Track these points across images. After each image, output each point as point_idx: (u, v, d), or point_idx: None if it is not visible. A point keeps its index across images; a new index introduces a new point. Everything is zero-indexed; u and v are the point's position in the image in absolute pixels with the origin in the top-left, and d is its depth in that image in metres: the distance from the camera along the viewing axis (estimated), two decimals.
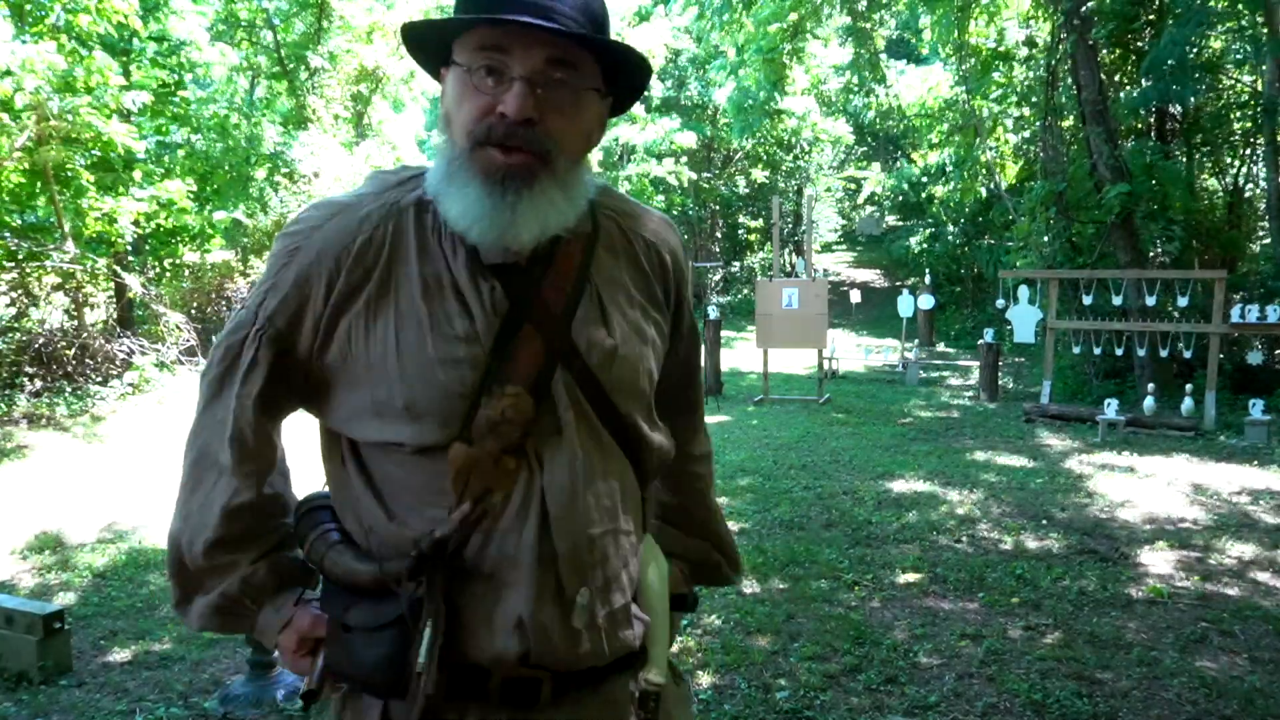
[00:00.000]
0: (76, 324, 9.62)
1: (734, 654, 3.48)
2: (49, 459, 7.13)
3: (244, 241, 11.51)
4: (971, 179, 14.33)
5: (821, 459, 7.04)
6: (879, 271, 24.24)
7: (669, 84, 20.81)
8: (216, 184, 11.53)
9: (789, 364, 13.00)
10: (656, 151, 19.03)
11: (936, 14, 11.91)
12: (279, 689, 3.15)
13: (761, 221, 23.33)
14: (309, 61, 12.36)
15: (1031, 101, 12.70)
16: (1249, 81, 11.77)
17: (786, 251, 21.93)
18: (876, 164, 23.52)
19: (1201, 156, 12.99)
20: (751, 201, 23.67)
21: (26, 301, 9.57)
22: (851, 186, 25.15)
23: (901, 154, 20.99)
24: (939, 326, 17.10)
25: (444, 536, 1.05)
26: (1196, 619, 3.83)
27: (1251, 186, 13.10)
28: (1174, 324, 8.90)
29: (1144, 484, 6.20)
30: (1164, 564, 4.55)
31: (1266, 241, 11.50)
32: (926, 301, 14.78)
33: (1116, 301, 9.22)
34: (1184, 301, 8.68)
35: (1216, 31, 10.91)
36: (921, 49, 15.11)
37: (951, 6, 11.50)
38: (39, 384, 8.77)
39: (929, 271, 16.29)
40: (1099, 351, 9.60)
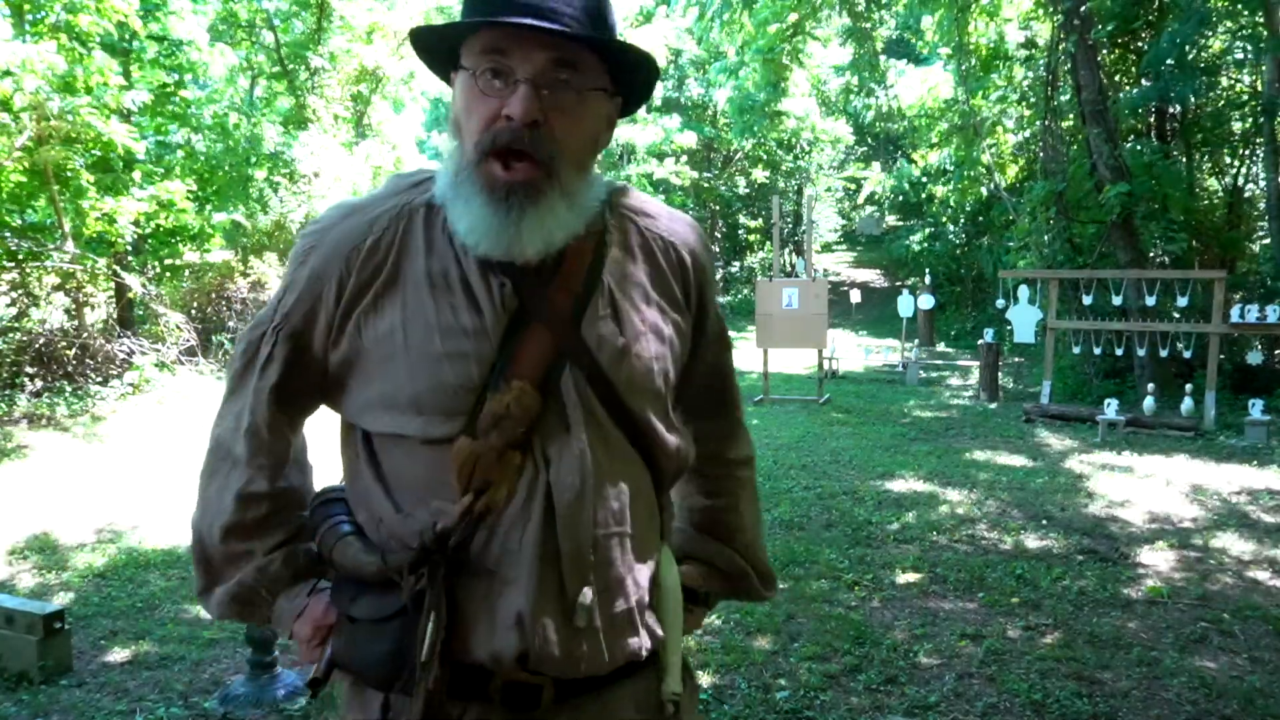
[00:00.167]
0: (76, 324, 9.62)
1: (734, 654, 3.48)
2: (49, 459, 7.12)
3: (244, 242, 11.50)
4: (971, 179, 14.33)
5: (821, 459, 7.04)
6: (879, 271, 24.24)
7: (670, 84, 20.82)
8: (216, 184, 11.53)
9: (789, 364, 12.99)
10: (657, 151, 19.02)
11: (937, 15, 11.90)
12: (279, 689, 3.15)
13: (761, 221, 23.35)
14: (309, 61, 12.35)
15: (1031, 101, 12.71)
16: (1249, 81, 11.78)
17: (786, 251, 21.94)
18: (876, 164, 23.51)
19: (1201, 156, 12.99)
20: (751, 201, 23.69)
21: (27, 301, 9.56)
22: (851, 186, 25.15)
23: (901, 154, 20.98)
24: (939, 326, 17.10)
25: (446, 529, 1.05)
26: (1196, 619, 3.83)
27: (1251, 186, 13.11)
28: (1174, 324, 8.90)
29: (1144, 484, 6.20)
30: (1164, 564, 4.55)
31: (1266, 241, 11.49)
32: (926, 301, 14.78)
33: (1116, 301, 9.22)
34: (1184, 301, 8.67)
35: (1217, 32, 10.92)
36: (922, 49, 15.10)
37: (952, 7, 11.48)
38: (39, 384, 8.76)
39: (929, 271, 16.28)
40: (1099, 351, 9.60)
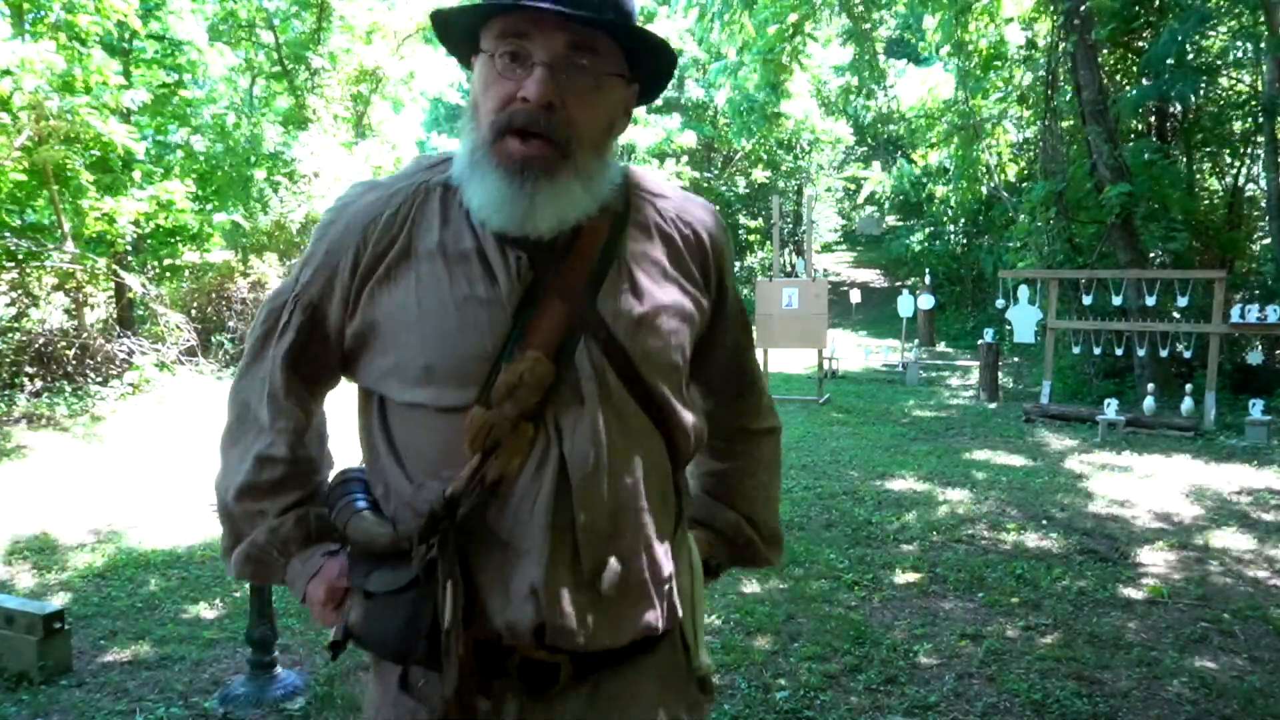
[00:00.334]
0: (76, 324, 9.61)
1: (734, 654, 3.47)
2: (48, 459, 7.12)
3: (244, 242, 11.49)
4: (971, 179, 14.32)
5: (821, 459, 7.04)
6: (879, 271, 24.24)
7: (670, 84, 20.79)
8: (216, 184, 11.53)
9: (789, 364, 13.00)
10: (658, 151, 19.01)
11: (939, 16, 11.89)
12: (279, 689, 3.15)
13: (761, 221, 23.33)
14: (309, 61, 12.35)
15: (1031, 102, 12.70)
16: (1249, 81, 11.77)
17: (786, 251, 21.93)
18: (877, 163, 23.51)
19: (1201, 156, 12.99)
20: (751, 201, 23.68)
21: (26, 301, 9.55)
22: (851, 187, 25.15)
23: (902, 154, 20.98)
24: (939, 326, 17.09)
25: (454, 494, 1.06)
26: (1196, 619, 3.83)
27: (1251, 186, 13.10)
28: (1174, 324, 8.90)
29: (1144, 484, 6.20)
30: (1164, 564, 4.55)
31: (1266, 241, 11.49)
32: (926, 301, 14.77)
33: (1116, 301, 9.22)
34: (1184, 301, 8.67)
35: (1217, 32, 10.92)
36: (924, 50, 15.09)
37: (952, 7, 11.47)
38: (39, 384, 8.76)
39: (929, 271, 16.29)
40: (1099, 351, 9.61)
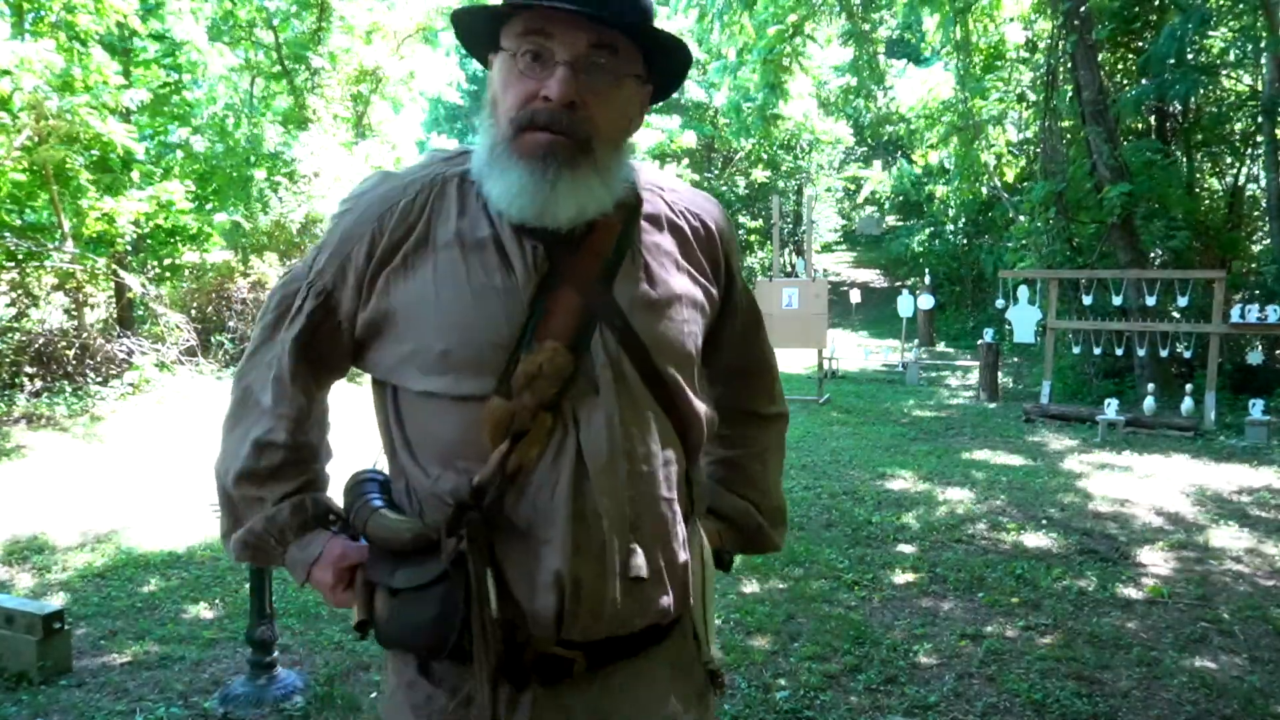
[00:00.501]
0: (76, 324, 9.61)
1: (734, 654, 3.47)
2: (48, 459, 7.12)
3: (244, 242, 11.47)
4: (971, 179, 14.32)
5: (821, 459, 7.04)
6: (879, 271, 24.24)
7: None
8: (216, 184, 11.51)
9: (789, 364, 12.99)
10: (658, 152, 19.00)
11: (940, 16, 11.88)
12: (279, 689, 3.15)
13: (761, 222, 23.31)
14: (309, 61, 12.33)
15: (1031, 101, 12.69)
16: (1249, 82, 11.77)
17: (786, 251, 21.92)
18: (877, 163, 23.51)
19: (1202, 156, 12.98)
20: (751, 201, 23.66)
21: (26, 301, 9.54)
22: (851, 187, 25.14)
23: (902, 153, 20.98)
24: (939, 326, 17.09)
25: (482, 483, 1.07)
26: (1196, 619, 3.83)
27: (1252, 186, 13.10)
28: (1174, 324, 8.90)
29: (1144, 484, 6.20)
30: (1164, 564, 4.55)
31: (1267, 242, 11.49)
32: (926, 301, 14.78)
33: (1116, 301, 9.22)
34: (1184, 301, 8.68)
35: (1218, 32, 10.92)
36: (924, 50, 15.08)
37: (952, 8, 11.47)
38: (38, 384, 8.76)
39: (929, 271, 16.29)
40: (1099, 351, 9.60)
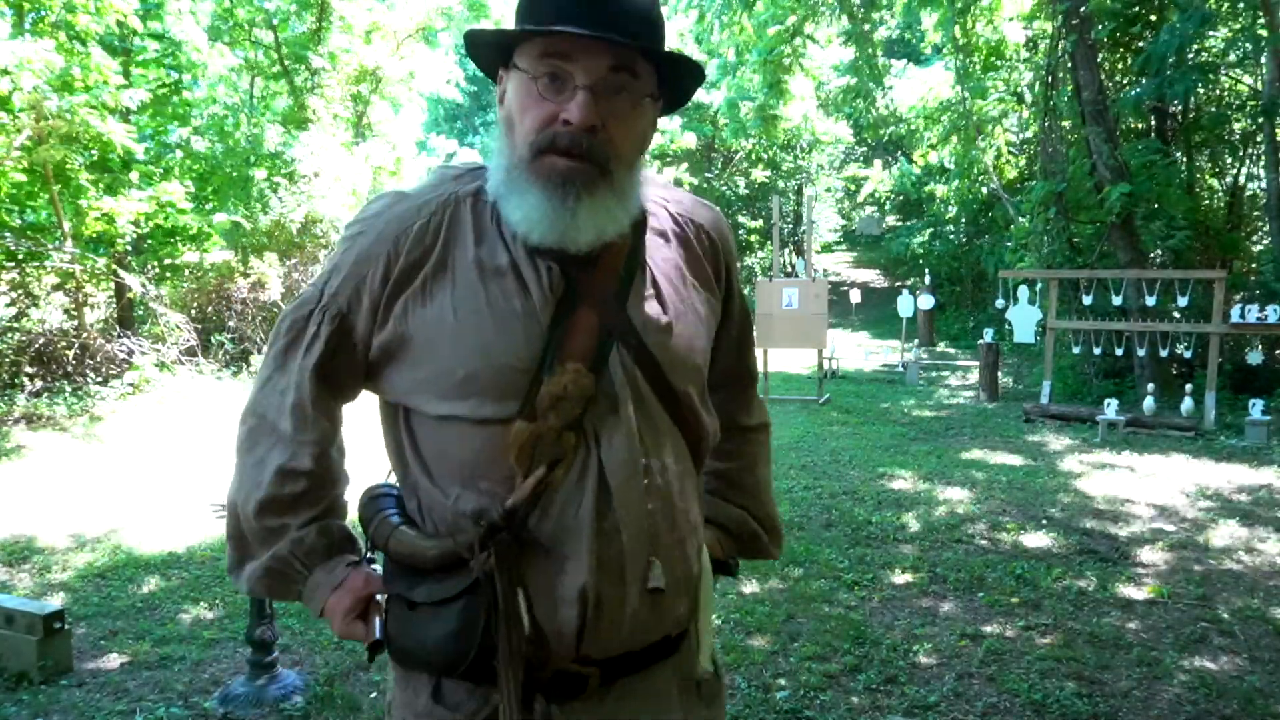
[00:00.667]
0: (76, 324, 9.61)
1: (734, 654, 3.47)
2: (48, 459, 7.12)
3: (244, 242, 11.47)
4: (971, 179, 14.30)
5: (821, 459, 7.04)
6: (879, 271, 24.24)
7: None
8: (216, 185, 11.51)
9: (789, 364, 12.99)
10: (659, 154, 18.98)
11: (939, 16, 11.87)
12: (279, 689, 3.15)
13: (761, 222, 23.31)
14: (309, 61, 12.33)
15: (1031, 102, 12.68)
16: (1249, 82, 11.76)
17: (786, 251, 21.92)
18: (878, 162, 23.48)
19: (1202, 156, 12.98)
20: (751, 201, 23.66)
21: (26, 301, 9.54)
22: (852, 187, 25.13)
23: (902, 153, 20.96)
24: (939, 326, 17.09)
25: (516, 505, 1.07)
26: (1196, 619, 3.83)
27: (1252, 186, 13.10)
28: (1174, 324, 8.89)
29: (1144, 484, 6.20)
30: (1164, 564, 4.55)
31: (1267, 242, 11.49)
32: (926, 301, 14.77)
33: (1116, 301, 9.22)
34: (1184, 301, 8.67)
35: (1218, 32, 10.91)
36: (924, 49, 15.07)
37: (951, 7, 11.46)
38: (39, 384, 8.76)
39: (929, 271, 16.28)
40: (1099, 351, 9.60)
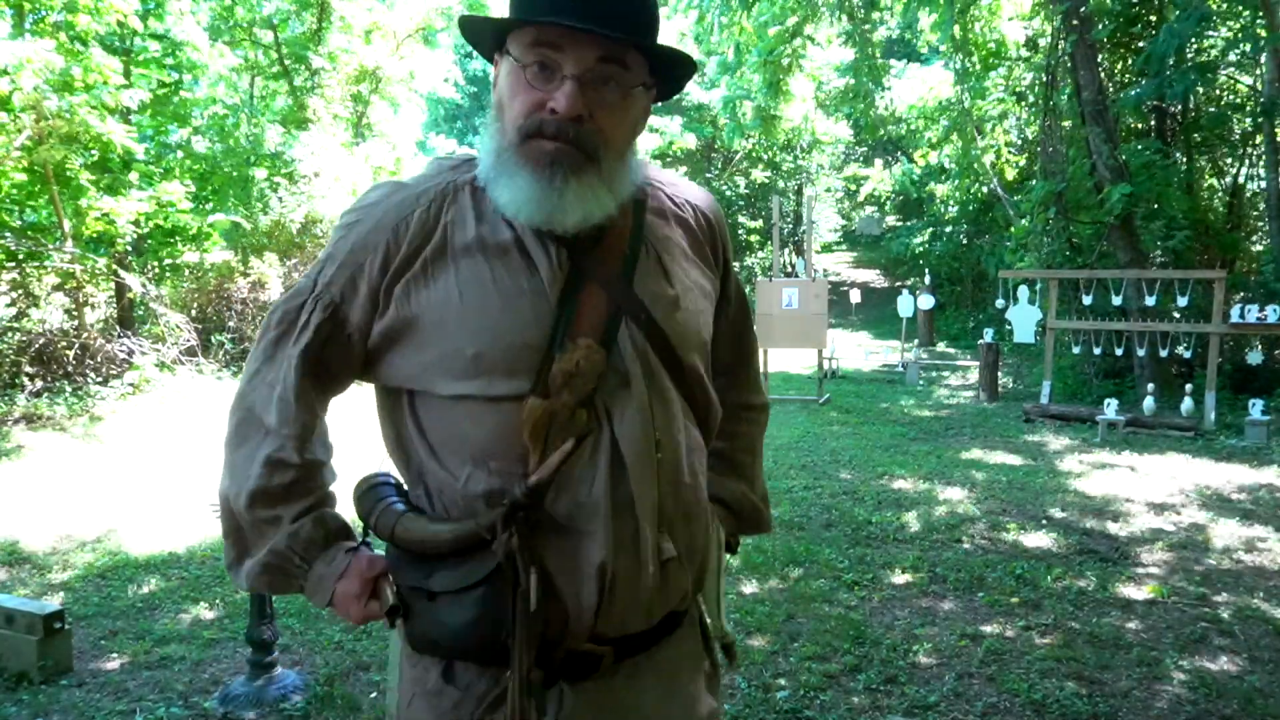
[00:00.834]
0: (76, 324, 9.61)
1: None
2: (48, 459, 7.12)
3: (244, 242, 11.48)
4: (971, 179, 14.29)
5: (821, 459, 7.04)
6: (879, 271, 24.24)
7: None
8: (216, 185, 11.52)
9: (789, 364, 13.00)
10: (659, 154, 18.98)
11: (936, 16, 11.87)
12: (279, 689, 3.15)
13: (761, 222, 23.32)
14: (309, 61, 12.34)
15: (1031, 101, 12.68)
16: (1249, 82, 11.77)
17: (786, 251, 21.92)
18: (878, 162, 23.48)
19: (1201, 157, 12.97)
20: (751, 202, 23.67)
21: (26, 301, 9.54)
22: (852, 187, 25.13)
23: (902, 152, 20.96)
24: (939, 326, 17.08)
25: (540, 483, 1.06)
26: (1196, 619, 3.83)
27: (1251, 186, 13.10)
28: (1174, 324, 8.89)
29: (1144, 484, 6.20)
30: (1164, 564, 4.55)
31: (1267, 242, 11.49)
32: (926, 301, 14.76)
33: (1116, 301, 9.22)
34: (1184, 301, 8.67)
35: (1218, 33, 10.91)
36: (922, 49, 15.06)
37: (950, 7, 11.46)
38: (39, 384, 8.76)
39: (929, 271, 16.27)
40: (1099, 351, 9.60)
